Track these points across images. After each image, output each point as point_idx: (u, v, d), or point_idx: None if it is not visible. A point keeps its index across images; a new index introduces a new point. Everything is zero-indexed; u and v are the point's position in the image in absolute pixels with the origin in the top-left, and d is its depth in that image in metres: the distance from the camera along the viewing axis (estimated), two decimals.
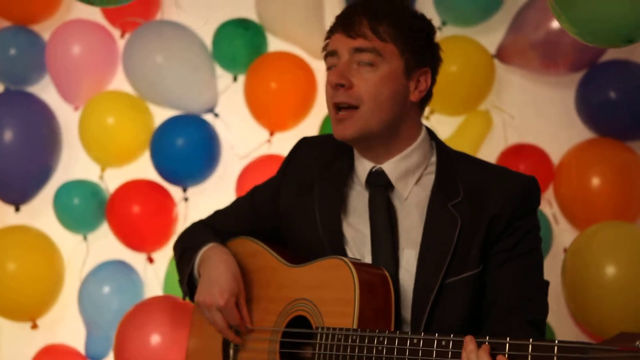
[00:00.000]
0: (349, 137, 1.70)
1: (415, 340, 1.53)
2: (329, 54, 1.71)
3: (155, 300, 2.46)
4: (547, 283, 1.70)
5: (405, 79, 1.70)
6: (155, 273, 2.80)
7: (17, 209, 2.85)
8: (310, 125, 2.72)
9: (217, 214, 2.00)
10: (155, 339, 2.30)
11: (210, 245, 1.83)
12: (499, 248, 1.68)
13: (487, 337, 1.45)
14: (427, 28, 1.73)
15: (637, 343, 1.31)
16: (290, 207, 1.84)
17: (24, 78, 2.90)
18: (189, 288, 1.84)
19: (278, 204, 1.86)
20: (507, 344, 1.41)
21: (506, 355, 1.40)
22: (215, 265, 1.79)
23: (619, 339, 1.32)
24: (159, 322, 2.31)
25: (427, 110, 1.88)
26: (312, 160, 1.87)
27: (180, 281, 1.86)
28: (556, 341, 1.37)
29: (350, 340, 1.61)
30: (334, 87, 1.68)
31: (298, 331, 1.73)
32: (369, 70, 1.68)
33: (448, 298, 1.65)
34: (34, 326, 2.77)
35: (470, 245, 1.68)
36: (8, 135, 2.78)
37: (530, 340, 1.38)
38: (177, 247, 1.93)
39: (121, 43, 2.84)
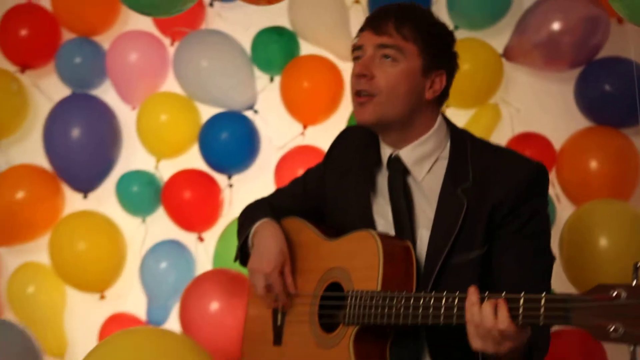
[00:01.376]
0: (367, 121, 1.78)
1: (427, 298, 1.59)
2: (356, 48, 1.80)
3: (212, 273, 2.68)
4: (552, 261, 1.73)
5: (422, 78, 1.77)
6: (205, 250, 2.94)
7: (85, 196, 3.01)
8: (339, 119, 2.83)
9: (277, 192, 2.13)
10: (214, 306, 2.52)
11: (264, 220, 1.93)
12: (503, 231, 1.72)
13: (487, 292, 1.50)
14: (446, 34, 1.82)
15: (611, 292, 1.35)
16: (332, 189, 1.94)
17: (88, 83, 3.06)
18: (243, 255, 1.97)
19: (323, 187, 1.97)
20: (503, 298, 1.47)
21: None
22: (265, 238, 1.90)
23: (596, 290, 1.37)
24: (216, 291, 2.52)
25: None
26: (351, 148, 1.94)
27: (238, 247, 1.98)
28: (543, 294, 1.43)
29: (374, 301, 1.68)
30: (357, 76, 1.76)
31: (333, 295, 1.81)
32: (390, 64, 1.75)
33: (453, 277, 1.69)
34: (102, 297, 2.96)
35: (475, 227, 1.71)
36: (76, 132, 2.94)
37: (522, 294, 1.45)
38: (240, 218, 2.04)
39: (171, 50, 2.99)
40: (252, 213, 2.01)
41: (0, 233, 2.99)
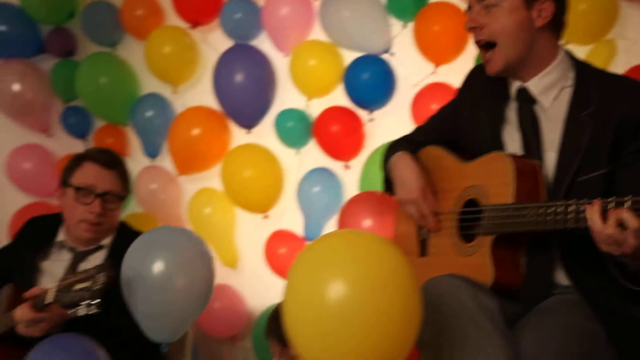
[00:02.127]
0: (498, 72, 1.91)
1: (557, 206, 1.70)
2: (467, 10, 1.95)
3: (363, 194, 2.94)
4: None
5: (527, 10, 1.86)
6: (350, 176, 3.15)
7: (249, 131, 3.31)
8: (467, 58, 2.91)
9: (417, 129, 2.29)
10: (366, 223, 2.81)
11: (398, 154, 2.10)
12: (627, 150, 1.79)
13: (610, 198, 1.57)
14: None
15: None
16: (465, 122, 2.06)
17: (247, 35, 3.32)
18: (388, 186, 2.17)
19: (456, 120, 2.10)
20: (630, 201, 1.55)
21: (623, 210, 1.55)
22: (401, 170, 2.07)
23: None
24: (367, 210, 2.78)
25: (562, 41, 2.00)
26: (480, 84, 2.04)
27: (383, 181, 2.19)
28: None
29: (509, 212, 1.79)
30: (469, 31, 1.93)
31: (471, 210, 1.94)
32: (494, 11, 1.86)
33: (580, 194, 1.73)
34: (266, 217, 3.26)
35: (600, 148, 1.80)
36: (239, 77, 3.23)
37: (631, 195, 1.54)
38: (383, 155, 2.23)
39: (316, 4, 3.19)
40: (391, 150, 2.18)
41: (180, 164, 3.38)
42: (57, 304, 2.00)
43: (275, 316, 2.06)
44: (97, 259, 2.53)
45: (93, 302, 1.88)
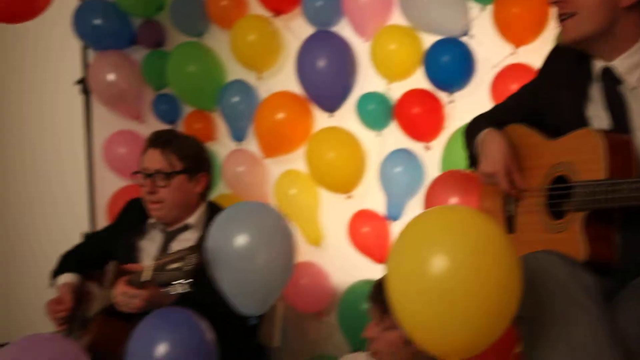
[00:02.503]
0: (570, 41, 1.90)
1: None
2: None
3: (449, 173, 2.98)
4: None
5: None
6: (431, 157, 3.17)
7: (331, 115, 3.34)
8: (546, 39, 2.89)
9: (496, 107, 2.33)
10: (452, 201, 2.84)
11: (487, 130, 2.13)
12: None
13: None
14: None
15: None
16: (547, 101, 2.08)
17: (328, 21, 3.37)
18: (473, 161, 2.22)
19: (537, 99, 2.13)
20: None
21: None
22: (489, 144, 2.09)
23: None
24: (453, 189, 2.83)
25: None
26: (561, 64, 2.06)
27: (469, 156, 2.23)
28: None
29: (602, 187, 1.78)
30: (552, 4, 1.93)
31: (560, 186, 1.93)
32: None
33: None
34: (349, 197, 3.28)
35: None
36: (321, 63, 3.29)
37: None
38: (466, 131, 2.27)
39: None
40: (476, 126, 2.21)
41: (266, 147, 3.48)
42: (152, 282, 2.12)
43: (380, 284, 2.12)
44: (186, 237, 2.65)
45: (185, 282, 1.99)
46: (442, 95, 3.19)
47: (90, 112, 3.91)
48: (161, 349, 2.02)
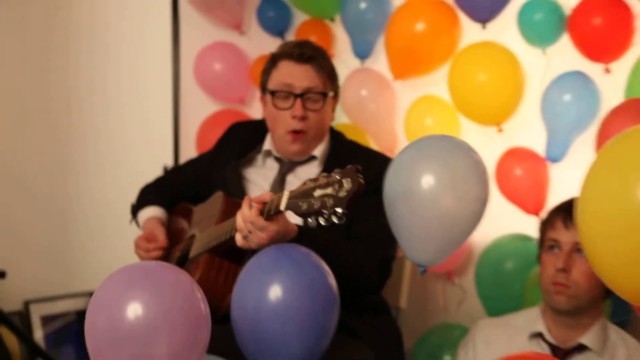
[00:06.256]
0: None
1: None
2: None
3: (632, 102, 2.46)
4: None
5: None
6: (612, 83, 2.77)
7: (484, 27, 2.93)
8: None
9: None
10: None
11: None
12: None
13: None
14: None
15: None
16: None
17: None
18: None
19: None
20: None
21: None
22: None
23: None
24: (635, 122, 2.29)
25: None
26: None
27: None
28: None
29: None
30: None
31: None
32: None
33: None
34: (500, 130, 2.89)
35: None
36: None
37: None
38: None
39: None
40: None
41: (397, 67, 3.05)
42: (291, 211, 1.82)
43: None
44: (309, 170, 2.38)
45: (338, 211, 1.67)
46: (635, 3, 2.75)
47: (178, 19, 3.46)
48: (276, 290, 1.76)
